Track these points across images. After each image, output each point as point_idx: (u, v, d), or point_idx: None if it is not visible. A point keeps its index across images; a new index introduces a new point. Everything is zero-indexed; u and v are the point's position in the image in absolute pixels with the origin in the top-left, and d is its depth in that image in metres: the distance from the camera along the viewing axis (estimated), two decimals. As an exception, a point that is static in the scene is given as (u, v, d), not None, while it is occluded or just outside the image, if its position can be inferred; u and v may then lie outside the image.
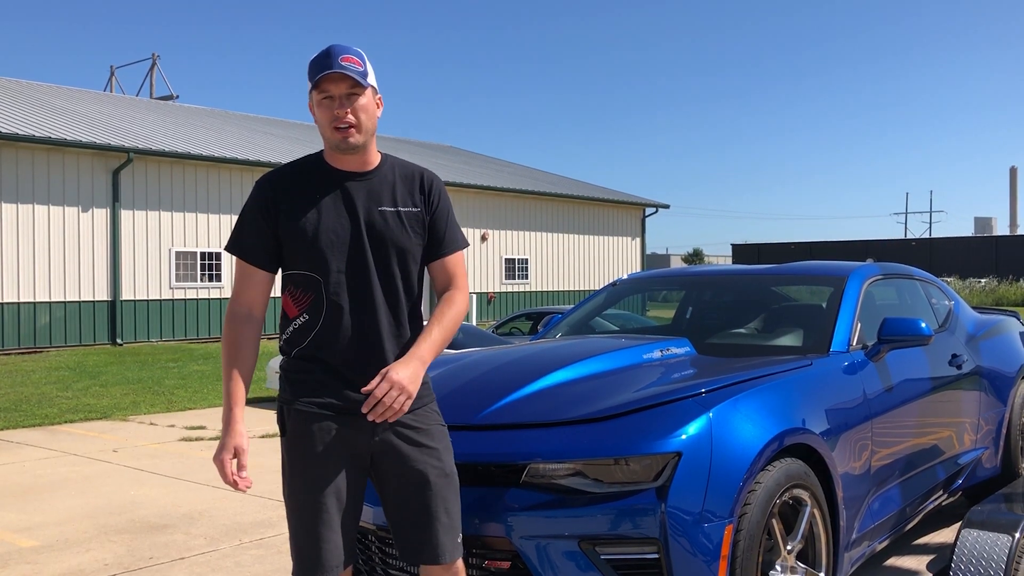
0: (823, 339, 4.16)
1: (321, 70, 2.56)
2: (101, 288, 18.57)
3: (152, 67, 40.08)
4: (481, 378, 3.64)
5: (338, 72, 2.55)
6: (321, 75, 2.55)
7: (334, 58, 2.56)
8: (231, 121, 28.26)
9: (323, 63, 2.57)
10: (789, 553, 3.29)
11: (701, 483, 2.97)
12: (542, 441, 3.12)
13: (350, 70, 2.56)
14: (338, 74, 2.56)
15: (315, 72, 2.57)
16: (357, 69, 2.58)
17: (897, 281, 5.15)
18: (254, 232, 2.65)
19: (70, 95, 25.12)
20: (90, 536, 5.30)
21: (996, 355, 5.49)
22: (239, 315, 2.67)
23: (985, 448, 5.23)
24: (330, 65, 2.55)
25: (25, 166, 17.48)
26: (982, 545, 3.40)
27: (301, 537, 2.60)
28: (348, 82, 2.58)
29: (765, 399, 3.34)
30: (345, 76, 2.57)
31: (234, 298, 2.70)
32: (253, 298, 2.68)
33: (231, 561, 4.81)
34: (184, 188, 19.88)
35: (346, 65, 2.56)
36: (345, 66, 2.55)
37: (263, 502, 6.02)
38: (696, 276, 5.50)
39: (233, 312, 2.68)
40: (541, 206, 28.94)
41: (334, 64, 2.55)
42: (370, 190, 2.67)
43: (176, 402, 10.91)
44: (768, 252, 52.57)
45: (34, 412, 10.02)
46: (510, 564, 3.05)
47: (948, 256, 46.50)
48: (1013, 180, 77.21)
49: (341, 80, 2.58)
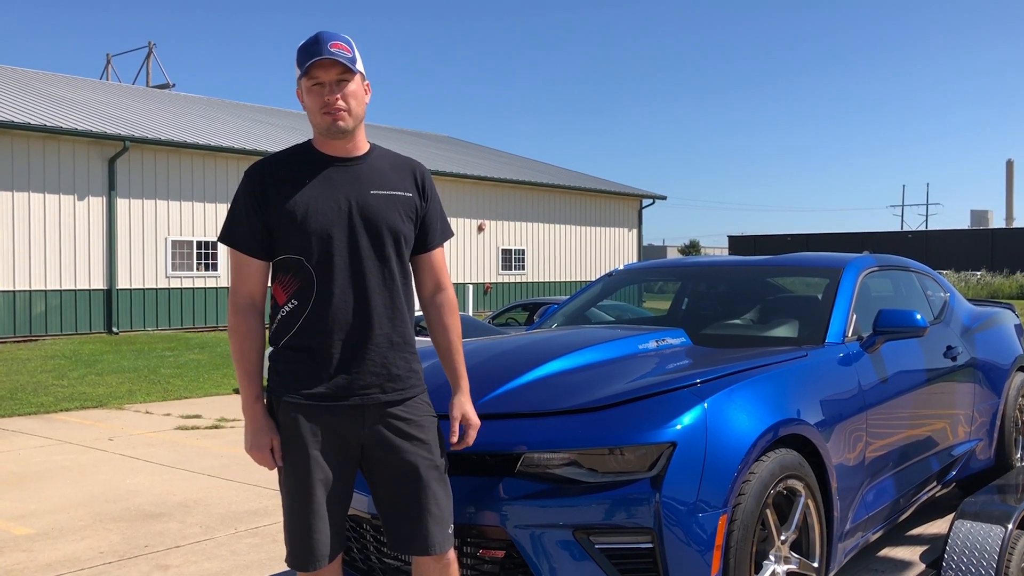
0: (818, 330, 4.16)
1: (311, 57, 2.55)
2: (97, 276, 18.54)
3: (148, 55, 39.93)
4: (476, 368, 3.63)
5: (328, 58, 2.54)
6: (311, 62, 2.55)
7: (323, 44, 2.56)
8: (227, 110, 28.18)
9: (312, 50, 2.56)
10: (783, 543, 3.29)
11: (695, 473, 2.98)
12: (537, 430, 3.12)
13: (340, 56, 2.55)
14: (328, 60, 2.55)
15: (304, 59, 2.57)
16: (346, 55, 2.57)
17: (893, 273, 5.16)
18: (246, 221, 2.64)
19: (66, 83, 25.03)
20: (85, 524, 5.30)
21: (991, 347, 5.50)
22: (242, 306, 2.66)
23: (979, 440, 5.25)
24: (320, 52, 2.55)
25: (21, 154, 17.42)
26: (975, 536, 3.41)
27: (294, 526, 2.61)
28: (338, 68, 2.58)
29: (760, 390, 3.35)
30: (335, 62, 2.56)
31: (234, 290, 2.69)
32: (252, 288, 2.67)
33: (226, 549, 4.81)
34: (180, 177, 19.83)
35: (336, 52, 2.55)
36: (335, 52, 2.55)
37: (258, 491, 6.02)
38: (692, 267, 5.50)
39: (236, 304, 2.67)
40: (538, 197, 28.92)
41: (323, 50, 2.55)
42: (360, 174, 2.67)
43: (172, 391, 10.91)
44: (764, 244, 52.56)
45: (30, 400, 10.01)
46: (504, 553, 3.05)
47: (944, 249, 46.51)
48: (1010, 173, 77.29)
49: (331, 66, 2.57)
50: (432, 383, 3.05)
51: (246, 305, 2.66)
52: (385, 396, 2.63)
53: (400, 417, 2.65)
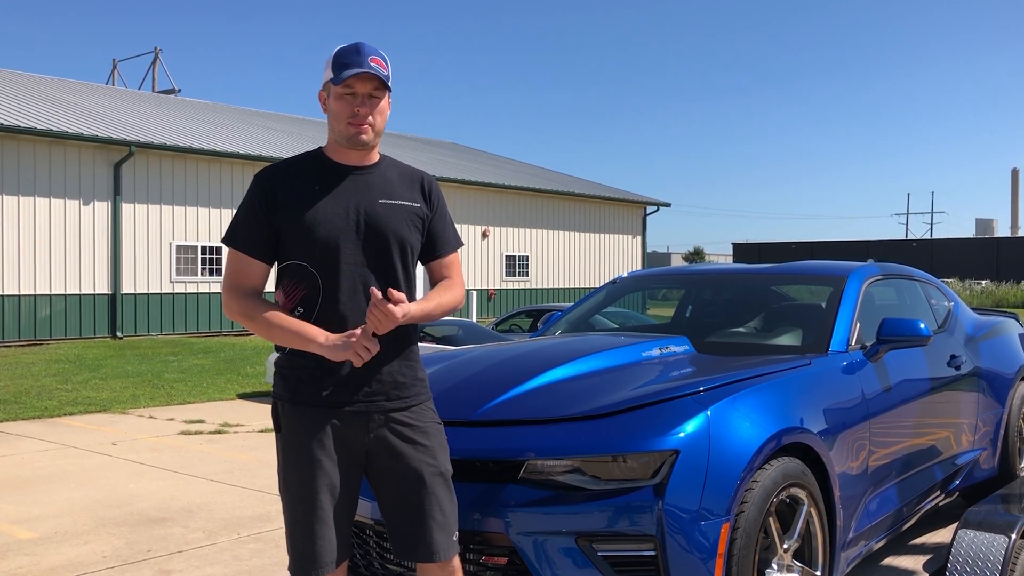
0: (822, 339, 4.16)
1: (350, 66, 2.57)
2: (102, 281, 18.57)
3: (155, 61, 40.03)
4: (480, 374, 3.64)
5: (368, 72, 2.56)
6: (352, 73, 2.56)
7: (364, 57, 2.58)
8: (233, 115, 28.24)
9: (354, 60, 2.58)
10: (786, 552, 3.29)
11: (698, 481, 2.98)
12: (540, 437, 3.12)
13: (379, 73, 2.58)
14: (368, 74, 2.58)
15: (343, 67, 2.58)
16: (384, 73, 2.60)
17: (897, 281, 5.16)
18: (251, 224, 2.65)
19: (72, 88, 25.11)
20: (88, 529, 5.31)
21: (995, 356, 5.49)
22: (242, 289, 2.65)
23: (983, 449, 5.23)
24: (361, 64, 2.57)
25: (27, 159, 17.48)
26: (978, 546, 3.40)
27: (297, 533, 2.61)
28: (374, 83, 2.61)
29: (763, 398, 3.35)
30: (373, 77, 2.59)
31: (231, 282, 2.66)
32: (252, 282, 2.67)
33: (229, 555, 4.82)
34: (185, 182, 19.87)
35: (375, 67, 2.58)
36: (374, 67, 2.58)
37: (261, 496, 6.03)
38: (696, 275, 5.50)
39: (234, 287, 2.64)
40: (542, 203, 28.93)
41: (364, 63, 2.57)
42: (370, 183, 2.69)
43: (176, 396, 10.92)
44: (769, 251, 52.56)
45: (33, 404, 10.03)
46: (507, 560, 3.06)
47: (949, 257, 46.47)
48: (1015, 182, 77.14)
49: (369, 80, 2.60)
50: (436, 389, 3.06)
51: (245, 289, 2.65)
52: (390, 403, 2.64)
53: (405, 423, 2.65)
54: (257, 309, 2.61)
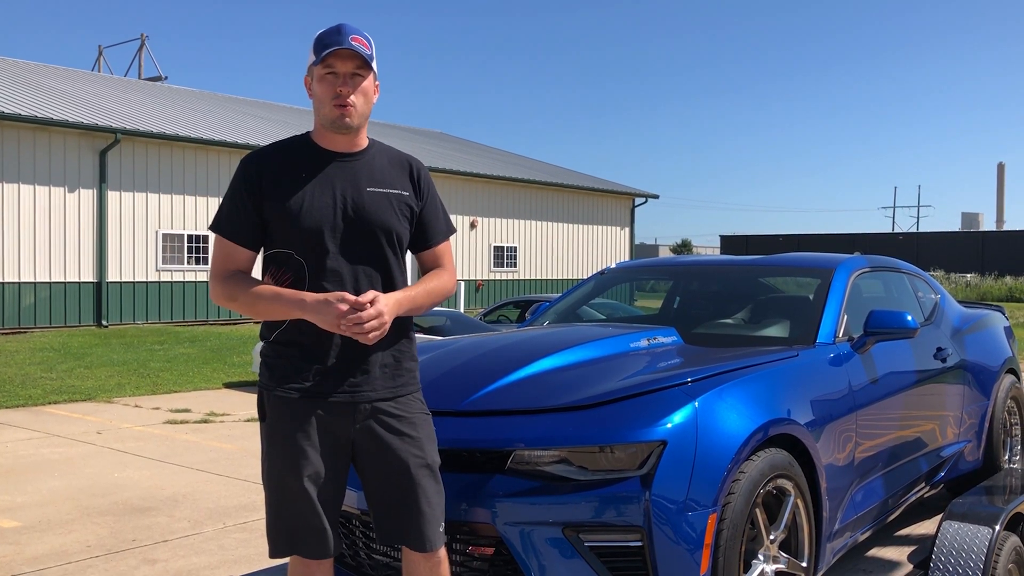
0: (809, 330, 4.17)
1: (330, 46, 2.54)
2: (87, 269, 18.45)
3: (141, 47, 39.76)
4: (468, 364, 3.63)
5: (347, 49, 2.53)
6: (330, 51, 2.53)
7: (344, 35, 2.55)
8: (219, 103, 28.08)
9: (333, 39, 2.55)
10: (772, 543, 3.30)
11: (686, 472, 2.98)
12: (527, 428, 3.12)
13: (359, 50, 2.54)
14: (347, 51, 2.54)
15: (323, 47, 2.55)
16: (365, 51, 2.57)
17: (884, 274, 5.17)
18: (237, 211, 2.62)
19: (58, 74, 24.89)
20: (73, 518, 5.28)
21: (980, 349, 5.52)
22: (228, 272, 2.61)
23: (968, 441, 5.26)
24: (340, 42, 2.53)
25: (11, 145, 17.33)
26: (963, 537, 3.42)
27: (280, 513, 2.59)
28: (356, 61, 2.57)
29: (751, 389, 3.35)
30: (354, 55, 2.55)
31: (218, 268, 2.63)
32: (239, 269, 2.64)
33: (214, 544, 4.80)
34: (172, 170, 19.75)
35: (355, 45, 2.54)
36: (355, 45, 2.54)
37: (247, 486, 6.01)
38: (684, 266, 5.50)
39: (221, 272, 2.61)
40: (531, 194, 28.91)
41: (344, 41, 2.53)
42: (358, 170, 2.66)
43: (161, 385, 10.87)
44: (756, 244, 52.64)
45: (17, 393, 9.97)
46: (494, 550, 3.05)
47: (935, 251, 46.65)
48: (1001, 176, 77.58)
49: (349, 58, 2.56)
50: (426, 379, 3.04)
51: (232, 271, 2.62)
52: (376, 393, 2.62)
53: (392, 414, 2.64)
54: (239, 288, 2.58)
